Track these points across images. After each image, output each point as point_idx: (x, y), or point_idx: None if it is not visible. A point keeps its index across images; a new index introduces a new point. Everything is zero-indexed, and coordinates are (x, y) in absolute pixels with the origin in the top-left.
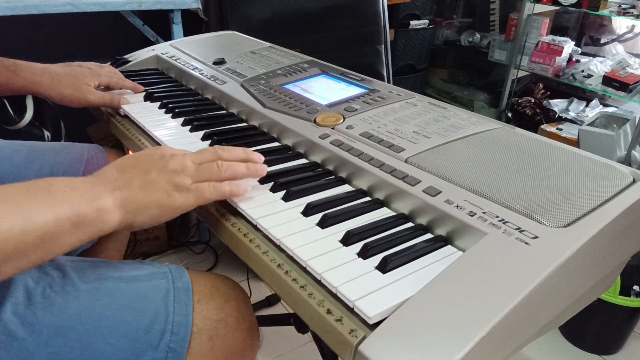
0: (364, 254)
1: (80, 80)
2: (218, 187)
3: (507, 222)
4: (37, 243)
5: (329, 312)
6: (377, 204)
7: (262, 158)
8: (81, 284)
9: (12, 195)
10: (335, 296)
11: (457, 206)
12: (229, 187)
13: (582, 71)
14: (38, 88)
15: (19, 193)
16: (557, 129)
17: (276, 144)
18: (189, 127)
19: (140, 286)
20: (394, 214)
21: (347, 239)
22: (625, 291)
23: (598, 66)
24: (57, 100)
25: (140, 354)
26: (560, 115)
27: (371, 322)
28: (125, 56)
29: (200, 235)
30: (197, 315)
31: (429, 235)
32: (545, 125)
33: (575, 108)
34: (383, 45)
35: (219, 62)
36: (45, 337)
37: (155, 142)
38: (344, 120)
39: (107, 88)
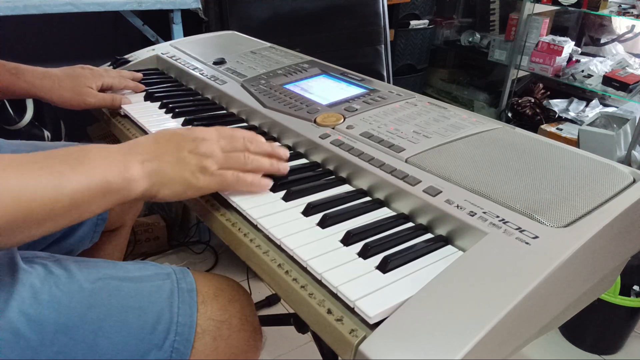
0: (365, 253)
1: (81, 82)
2: (241, 178)
3: (507, 222)
4: (68, 208)
5: (329, 312)
6: (378, 203)
7: (287, 154)
8: (86, 284)
9: (48, 163)
10: (335, 296)
11: (458, 206)
12: (250, 179)
13: (582, 71)
14: (39, 92)
15: (54, 161)
16: (557, 129)
17: (276, 144)
18: (189, 127)
19: (144, 286)
20: (394, 213)
21: (348, 239)
22: (625, 291)
23: (598, 66)
24: (58, 103)
25: (145, 353)
26: (560, 115)
27: (372, 322)
28: (125, 56)
29: (200, 235)
30: (201, 316)
31: (429, 235)
32: (545, 125)
33: (575, 108)
34: (383, 45)
35: (219, 62)
36: (51, 336)
37: None
38: (344, 120)
39: (110, 89)
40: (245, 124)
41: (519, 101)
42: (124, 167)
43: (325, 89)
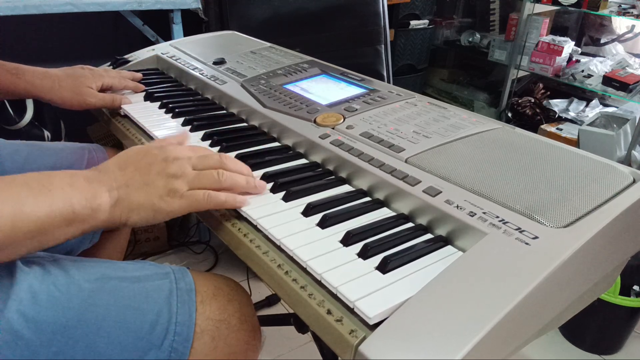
0: (364, 254)
1: (81, 82)
2: (213, 197)
3: (507, 222)
4: (28, 236)
5: (329, 312)
6: (377, 204)
7: (264, 186)
8: (85, 284)
9: (9, 188)
10: (335, 296)
11: (457, 206)
12: (224, 197)
13: (582, 71)
14: (39, 92)
15: (17, 186)
16: (557, 129)
17: (276, 144)
18: (189, 127)
19: (143, 286)
20: (394, 214)
21: (347, 239)
22: (625, 291)
23: (598, 66)
24: (59, 103)
25: (143, 353)
26: (560, 115)
27: (371, 322)
28: (125, 56)
29: (200, 235)
30: (200, 315)
31: (429, 236)
32: (545, 125)
33: (575, 108)
34: (383, 45)
35: (219, 62)
36: (49, 336)
37: None
38: (344, 120)
39: (110, 89)
40: (245, 124)
41: (519, 101)
42: (91, 196)
43: (325, 89)
